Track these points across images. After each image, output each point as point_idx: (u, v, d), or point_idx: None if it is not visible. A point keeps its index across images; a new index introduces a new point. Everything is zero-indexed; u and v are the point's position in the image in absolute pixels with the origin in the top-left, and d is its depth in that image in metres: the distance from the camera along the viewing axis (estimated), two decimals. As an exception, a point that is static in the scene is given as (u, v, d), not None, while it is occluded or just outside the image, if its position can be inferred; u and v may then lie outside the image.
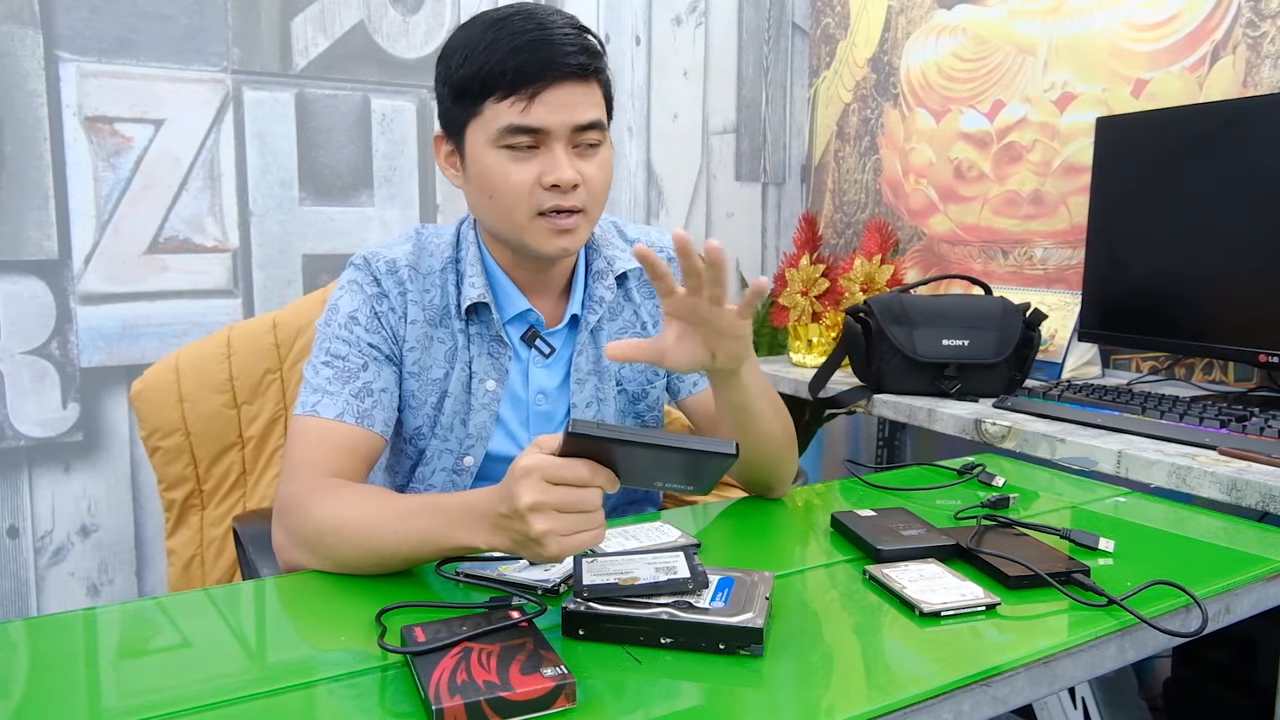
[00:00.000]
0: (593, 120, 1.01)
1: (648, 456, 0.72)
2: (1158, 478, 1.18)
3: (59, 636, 0.76)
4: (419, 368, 1.09)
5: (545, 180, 0.99)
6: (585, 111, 1.00)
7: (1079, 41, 1.86)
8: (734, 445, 0.71)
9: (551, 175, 0.99)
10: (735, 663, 0.70)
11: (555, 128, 0.99)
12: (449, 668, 0.65)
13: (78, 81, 1.73)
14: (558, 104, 0.98)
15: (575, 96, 0.99)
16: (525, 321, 1.11)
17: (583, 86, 1.00)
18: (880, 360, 1.62)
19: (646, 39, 2.35)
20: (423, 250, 1.10)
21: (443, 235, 1.13)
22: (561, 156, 0.99)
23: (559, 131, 0.99)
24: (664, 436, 0.72)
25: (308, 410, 1.01)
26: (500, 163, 1.00)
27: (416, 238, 1.12)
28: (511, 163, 1.00)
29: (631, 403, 1.19)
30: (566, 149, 1.00)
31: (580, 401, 1.13)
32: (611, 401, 1.16)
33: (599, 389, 1.15)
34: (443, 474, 1.12)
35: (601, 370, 1.15)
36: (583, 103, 1.00)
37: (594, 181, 1.03)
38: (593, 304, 1.13)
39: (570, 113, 0.99)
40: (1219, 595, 0.84)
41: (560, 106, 0.98)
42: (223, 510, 1.40)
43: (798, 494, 1.16)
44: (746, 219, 2.58)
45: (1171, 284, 1.57)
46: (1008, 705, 0.70)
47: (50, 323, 1.76)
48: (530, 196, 1.00)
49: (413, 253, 1.09)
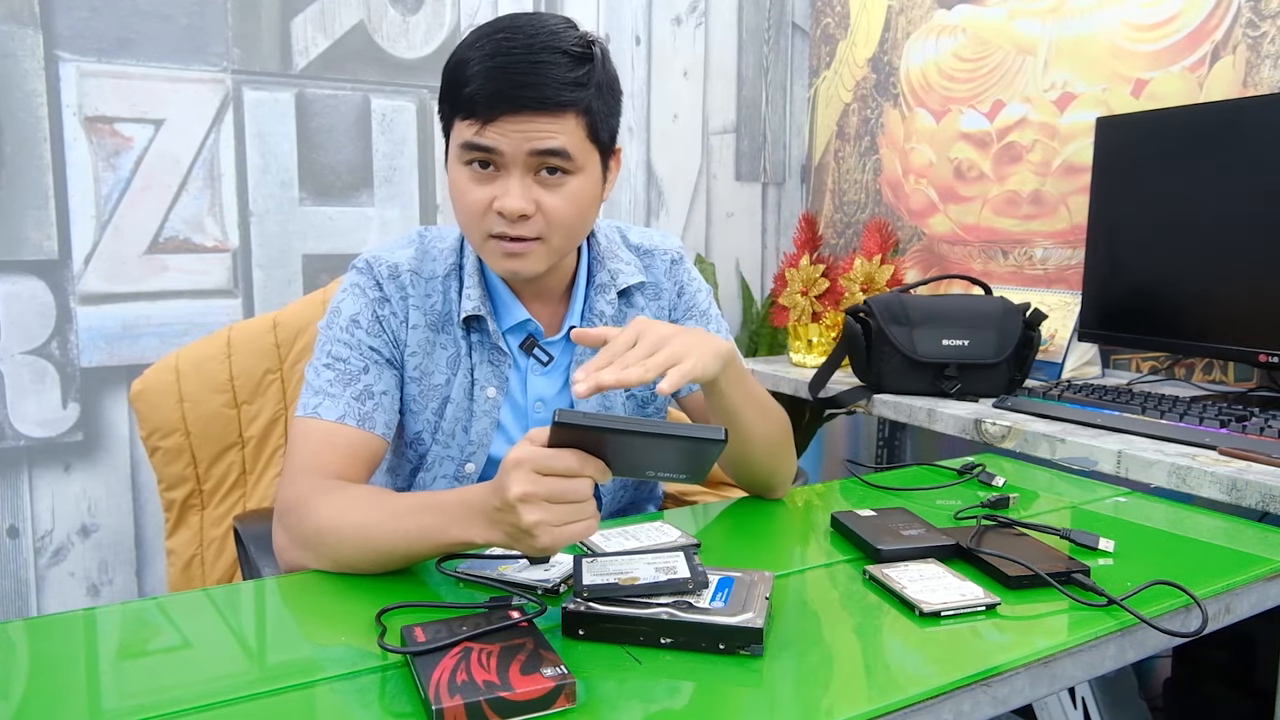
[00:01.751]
0: (552, 148, 0.96)
1: (636, 445, 0.72)
2: (1158, 478, 1.18)
3: (59, 636, 0.76)
4: (421, 373, 1.08)
5: (495, 205, 0.98)
6: (543, 140, 0.95)
7: (1079, 41, 1.86)
8: (723, 431, 0.71)
9: (499, 202, 0.97)
10: (735, 663, 0.70)
11: (508, 151, 0.96)
12: (449, 668, 0.65)
13: (78, 81, 1.73)
14: (513, 129, 0.95)
15: (535, 125, 0.95)
16: (524, 330, 1.11)
17: (545, 116, 0.95)
18: (880, 360, 1.62)
19: (646, 39, 2.35)
20: (425, 255, 1.10)
21: (446, 239, 1.12)
22: (514, 184, 0.96)
23: (514, 156, 0.96)
24: (650, 424, 0.72)
25: (309, 412, 1.01)
26: (462, 179, 0.99)
27: (420, 241, 1.11)
28: (471, 181, 0.99)
29: (640, 407, 1.18)
30: (524, 176, 0.97)
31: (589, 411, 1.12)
32: (620, 409, 1.16)
33: (605, 396, 1.14)
34: (444, 481, 1.12)
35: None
36: (544, 130, 0.95)
37: (555, 213, 0.99)
38: (592, 317, 1.12)
39: (526, 139, 0.95)
40: (1219, 595, 0.84)
41: (515, 132, 0.95)
42: (222, 510, 1.40)
43: (798, 494, 1.16)
44: (746, 219, 2.58)
45: (1171, 284, 1.57)
46: (1008, 705, 0.70)
47: (50, 323, 1.76)
48: (483, 218, 0.99)
49: (415, 257, 1.09)
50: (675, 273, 1.19)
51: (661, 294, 1.18)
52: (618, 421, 0.71)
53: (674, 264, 1.19)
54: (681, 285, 1.20)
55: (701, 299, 1.21)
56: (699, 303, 1.20)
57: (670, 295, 1.19)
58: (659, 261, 1.19)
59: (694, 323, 1.19)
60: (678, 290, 1.19)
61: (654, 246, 1.19)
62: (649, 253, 1.18)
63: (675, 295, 1.19)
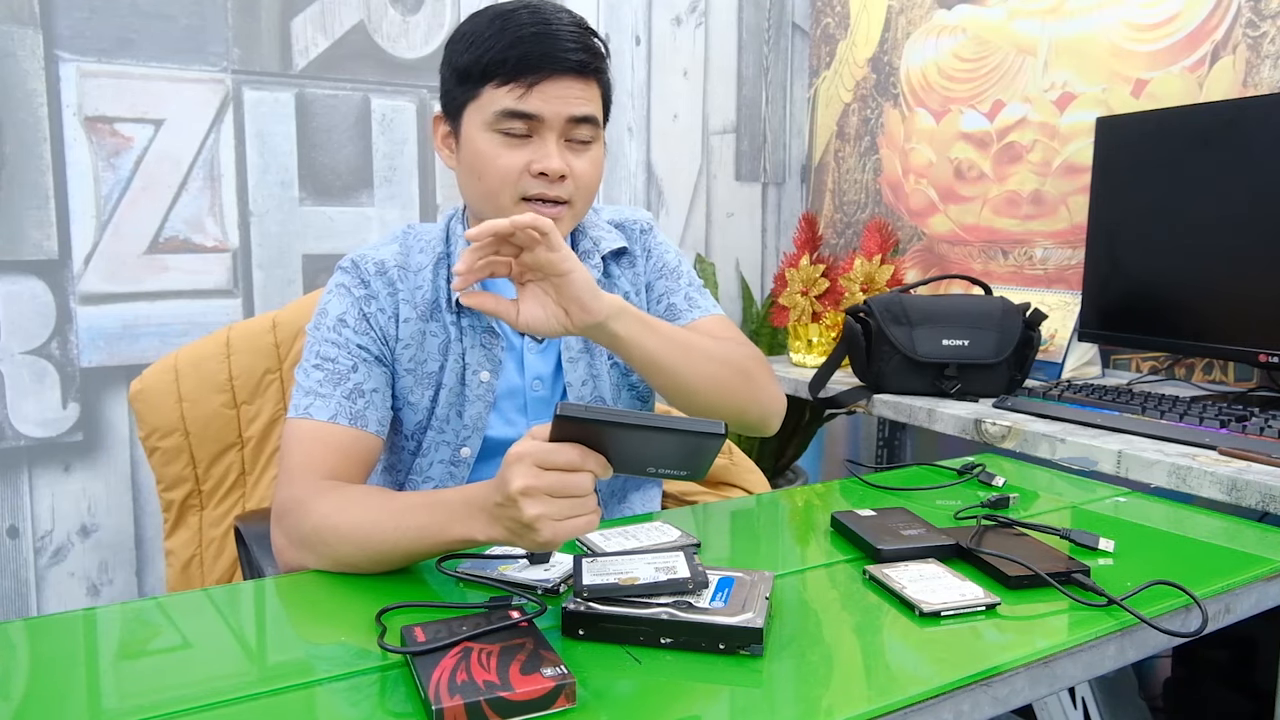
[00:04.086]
0: (587, 115, 1.03)
1: (637, 439, 0.73)
2: (1158, 478, 1.18)
3: (59, 636, 0.76)
4: (414, 363, 1.09)
5: (534, 167, 1.01)
6: (581, 106, 1.02)
7: (1079, 41, 1.86)
8: (722, 425, 0.72)
9: (540, 163, 1.01)
10: (735, 663, 0.70)
11: (550, 117, 1.01)
12: (449, 668, 0.65)
13: (78, 81, 1.73)
14: (554, 95, 1.01)
15: (573, 90, 1.01)
16: None
17: (581, 82, 1.02)
18: (880, 360, 1.62)
19: (646, 39, 2.35)
20: (410, 249, 1.12)
21: (431, 232, 1.14)
22: (552, 146, 1.02)
23: (553, 121, 1.01)
24: (651, 418, 0.73)
25: (300, 413, 1.01)
26: (492, 146, 1.02)
27: (403, 238, 1.13)
28: (503, 147, 1.02)
29: (624, 375, 1.19)
30: (558, 140, 1.02)
31: (575, 380, 1.14)
32: (605, 376, 1.16)
33: (591, 366, 1.15)
34: (440, 466, 1.12)
35: (592, 347, 1.15)
36: (580, 97, 1.02)
37: (583, 177, 1.05)
38: None
39: (566, 105, 1.01)
40: (1219, 595, 0.84)
41: (556, 98, 1.01)
42: (221, 511, 1.40)
43: (798, 494, 1.16)
44: (746, 219, 2.58)
45: (1171, 284, 1.57)
46: (1008, 705, 0.70)
47: (50, 323, 1.76)
48: (517, 181, 1.02)
49: (400, 252, 1.11)
50: (645, 240, 1.22)
51: (635, 262, 1.21)
52: (618, 415, 0.71)
53: (643, 233, 1.22)
54: (649, 249, 1.22)
55: (670, 258, 1.23)
56: (668, 261, 1.22)
57: (641, 262, 1.21)
58: (630, 232, 1.22)
59: (665, 282, 1.21)
60: (646, 255, 1.22)
61: (625, 220, 1.22)
62: (621, 225, 1.22)
63: (644, 260, 1.21)
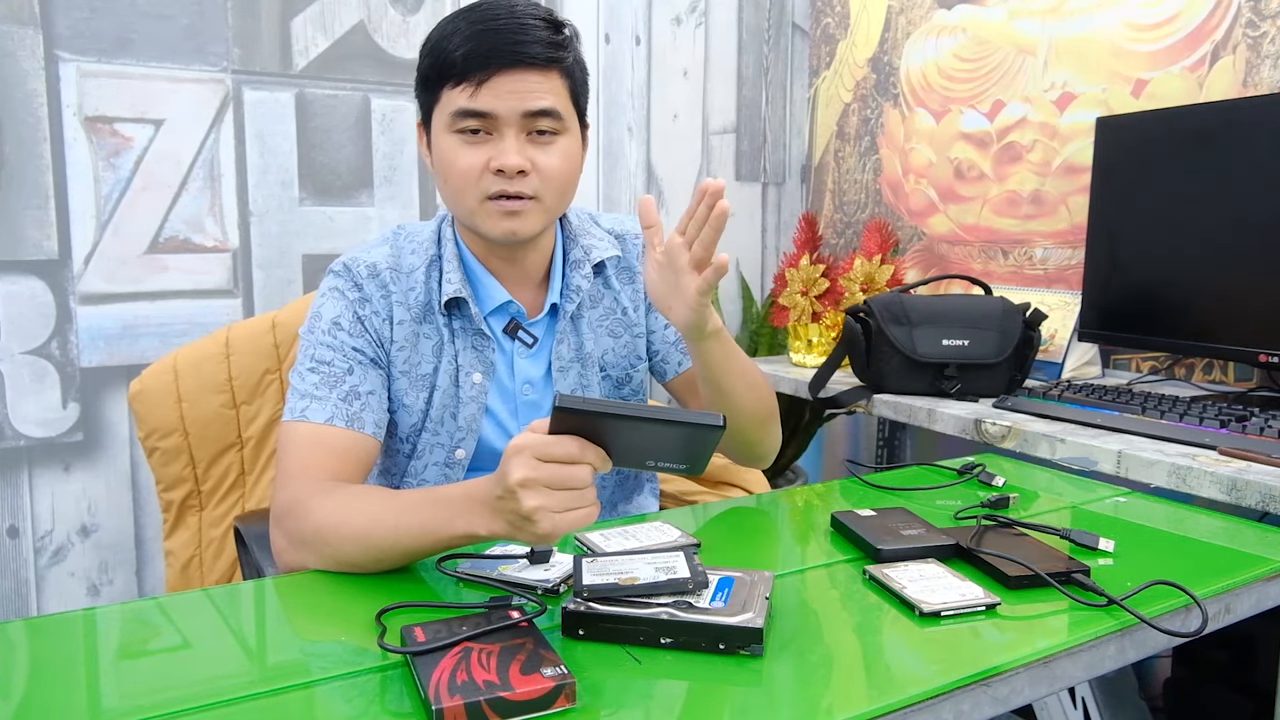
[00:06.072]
0: (544, 108, 1.01)
1: (635, 431, 0.73)
2: (1158, 478, 1.18)
3: (59, 637, 0.76)
4: (409, 365, 1.09)
5: (492, 165, 1.01)
6: (537, 99, 1.00)
7: (1079, 41, 1.86)
8: (721, 417, 0.71)
9: (497, 160, 1.01)
10: (735, 663, 0.70)
11: (504, 113, 1.00)
12: (449, 668, 0.65)
13: (77, 81, 1.73)
14: (506, 90, 0.99)
15: (527, 84, 1.00)
16: (507, 314, 1.12)
17: (537, 74, 1.00)
18: (880, 360, 1.62)
19: (646, 39, 2.35)
20: (402, 251, 1.12)
21: (422, 233, 1.14)
22: (509, 142, 1.01)
23: (508, 117, 1.00)
24: (650, 410, 0.73)
25: (297, 416, 1.01)
26: (453, 147, 1.02)
27: (394, 239, 1.13)
28: (462, 146, 1.02)
29: (616, 388, 1.20)
30: (518, 136, 1.01)
31: (565, 389, 1.14)
32: (596, 388, 1.17)
33: (582, 375, 1.16)
34: (435, 468, 1.13)
35: (584, 357, 1.16)
36: (536, 90, 1.00)
37: (548, 170, 1.03)
38: (570, 292, 1.14)
39: (519, 99, 1.00)
40: (1219, 595, 0.84)
41: (509, 93, 1.00)
42: (221, 511, 1.40)
43: (798, 494, 1.16)
44: (746, 219, 2.58)
45: (1171, 284, 1.57)
46: (1008, 705, 0.70)
47: (50, 323, 1.76)
48: (479, 181, 1.02)
49: (392, 254, 1.11)
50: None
51: (636, 277, 1.20)
52: (617, 407, 0.71)
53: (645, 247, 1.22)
54: None
55: None
56: None
57: (642, 279, 1.21)
58: (631, 245, 1.21)
59: None
60: None
61: (625, 231, 1.22)
62: (620, 236, 1.21)
63: None
